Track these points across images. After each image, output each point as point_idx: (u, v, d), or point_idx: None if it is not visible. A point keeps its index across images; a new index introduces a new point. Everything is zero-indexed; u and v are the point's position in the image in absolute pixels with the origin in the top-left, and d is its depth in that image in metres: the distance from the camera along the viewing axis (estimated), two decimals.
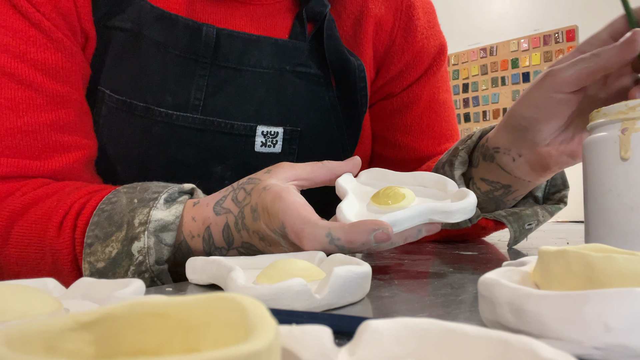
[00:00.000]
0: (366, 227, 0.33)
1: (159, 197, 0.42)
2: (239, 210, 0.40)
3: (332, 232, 0.34)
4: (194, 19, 0.55)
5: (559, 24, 3.17)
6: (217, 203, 0.42)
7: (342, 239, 0.33)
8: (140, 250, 0.40)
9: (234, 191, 0.42)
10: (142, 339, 0.13)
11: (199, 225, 0.42)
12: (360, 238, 0.33)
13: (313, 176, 0.42)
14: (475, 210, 0.37)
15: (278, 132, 0.57)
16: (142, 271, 0.40)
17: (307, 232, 0.34)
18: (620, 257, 0.18)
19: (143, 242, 0.40)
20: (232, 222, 0.41)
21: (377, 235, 0.33)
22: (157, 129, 0.53)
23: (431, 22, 0.68)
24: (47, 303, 0.22)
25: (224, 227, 0.41)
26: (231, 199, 0.41)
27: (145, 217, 0.40)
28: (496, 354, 0.13)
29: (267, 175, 0.41)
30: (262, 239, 0.39)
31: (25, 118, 0.47)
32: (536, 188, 0.54)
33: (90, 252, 0.41)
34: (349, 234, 0.33)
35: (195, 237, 0.42)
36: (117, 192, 0.43)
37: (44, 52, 0.48)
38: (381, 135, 0.70)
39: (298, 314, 0.22)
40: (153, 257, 0.40)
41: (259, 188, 0.39)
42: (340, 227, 0.34)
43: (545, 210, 0.52)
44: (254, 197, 0.39)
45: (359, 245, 0.33)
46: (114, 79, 0.54)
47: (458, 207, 0.35)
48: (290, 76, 0.58)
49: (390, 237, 0.33)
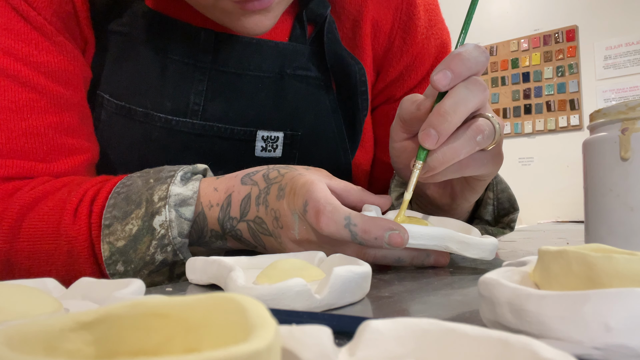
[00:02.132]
0: (385, 224, 0.34)
1: (175, 174, 0.43)
2: (266, 185, 0.41)
3: (351, 217, 0.35)
4: (193, 23, 0.54)
5: (559, 24, 3.18)
6: (247, 175, 0.43)
7: (359, 226, 0.34)
8: (162, 224, 0.41)
9: (267, 169, 0.43)
10: (142, 339, 0.13)
11: (221, 194, 0.43)
12: (376, 232, 0.34)
13: (345, 194, 0.43)
14: (494, 254, 0.37)
15: (278, 136, 0.57)
16: (164, 244, 0.41)
17: (327, 211, 0.35)
18: (620, 257, 0.18)
19: (165, 215, 0.41)
20: (255, 195, 0.42)
21: (392, 235, 0.33)
22: (156, 134, 0.53)
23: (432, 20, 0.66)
24: (47, 303, 0.22)
25: (245, 197, 0.42)
26: (262, 175, 0.43)
27: (164, 192, 0.41)
28: (496, 354, 0.13)
29: (304, 169, 0.43)
30: (276, 218, 0.40)
31: (30, 120, 0.47)
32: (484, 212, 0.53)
33: (109, 233, 0.41)
34: (367, 223, 0.34)
35: (214, 206, 0.43)
36: (131, 177, 0.44)
37: (47, 55, 0.48)
38: (383, 141, 0.68)
39: (298, 314, 0.22)
40: (175, 230, 0.41)
41: (294, 173, 0.41)
42: (360, 215, 0.35)
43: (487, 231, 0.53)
44: (287, 178, 0.40)
45: (372, 239, 0.34)
46: (113, 83, 0.53)
47: (477, 241, 0.36)
48: (290, 80, 0.57)
49: (404, 242, 0.33)
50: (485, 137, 0.39)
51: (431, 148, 0.38)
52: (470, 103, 0.38)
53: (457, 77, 0.38)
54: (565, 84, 3.15)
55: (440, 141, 0.37)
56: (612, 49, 3.01)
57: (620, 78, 3.00)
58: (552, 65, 3.20)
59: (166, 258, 0.41)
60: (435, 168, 0.39)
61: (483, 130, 0.39)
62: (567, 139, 3.13)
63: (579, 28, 3.12)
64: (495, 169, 0.43)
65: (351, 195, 0.44)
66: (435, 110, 0.38)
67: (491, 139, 0.40)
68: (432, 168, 0.39)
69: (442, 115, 0.37)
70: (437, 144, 0.37)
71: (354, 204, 0.44)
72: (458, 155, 0.39)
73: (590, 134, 0.37)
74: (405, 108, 0.43)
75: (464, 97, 0.38)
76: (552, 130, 3.18)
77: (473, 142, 0.39)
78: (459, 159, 0.39)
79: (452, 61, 0.38)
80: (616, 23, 2.99)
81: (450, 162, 0.39)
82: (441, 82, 0.38)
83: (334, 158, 0.60)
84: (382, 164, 0.69)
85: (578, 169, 0.41)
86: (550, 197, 3.13)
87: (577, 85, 3.11)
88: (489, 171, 0.43)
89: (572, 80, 3.13)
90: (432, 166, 0.39)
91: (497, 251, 0.52)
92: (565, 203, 3.04)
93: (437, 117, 0.37)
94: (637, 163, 0.33)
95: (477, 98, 0.38)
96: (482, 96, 0.39)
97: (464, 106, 0.38)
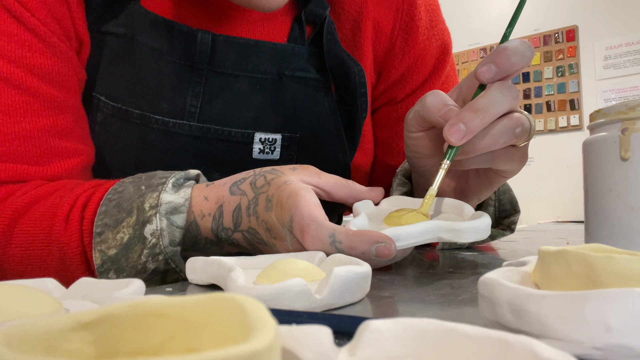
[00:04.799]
0: (370, 237, 0.33)
1: (166, 181, 0.42)
2: (254, 195, 0.41)
3: (335, 233, 0.34)
4: (189, 24, 0.54)
5: (559, 24, 3.18)
6: (234, 184, 0.43)
7: (344, 243, 0.33)
8: (153, 232, 0.40)
9: (254, 176, 0.43)
10: (142, 339, 0.13)
11: (212, 204, 0.43)
12: (362, 246, 0.33)
13: (334, 190, 0.43)
14: (489, 232, 0.35)
15: (276, 138, 0.56)
16: (156, 253, 0.41)
17: (311, 229, 0.35)
18: (620, 257, 0.18)
19: (155, 224, 0.40)
20: (245, 205, 0.41)
21: (379, 247, 0.32)
22: (153, 137, 0.53)
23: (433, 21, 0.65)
24: (47, 303, 0.22)
25: (235, 208, 0.42)
26: (249, 183, 0.42)
27: (155, 200, 0.41)
28: (496, 354, 0.13)
29: (290, 172, 0.42)
30: (268, 230, 0.40)
31: (23, 123, 0.47)
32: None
33: (101, 241, 0.41)
34: (352, 239, 0.33)
35: (206, 216, 0.43)
36: (123, 183, 0.44)
37: (40, 57, 0.48)
38: (385, 143, 0.68)
39: (298, 314, 0.22)
40: (167, 239, 0.41)
41: (280, 181, 0.40)
42: (345, 231, 0.34)
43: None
44: (273, 188, 0.40)
45: (359, 254, 0.33)
46: (109, 85, 0.53)
47: (468, 226, 0.34)
48: (288, 81, 0.57)
49: (391, 253, 0.32)
50: (523, 131, 0.39)
51: (457, 144, 0.37)
52: (502, 106, 0.38)
53: (501, 71, 0.38)
54: (565, 84, 3.15)
55: (467, 138, 0.37)
56: (612, 49, 3.01)
57: (620, 78, 3.00)
58: (552, 65, 3.20)
59: (158, 267, 0.41)
60: (469, 152, 0.38)
61: (523, 123, 0.39)
62: (567, 139, 3.13)
63: (579, 28, 3.12)
64: (520, 167, 0.44)
65: (340, 191, 0.43)
66: (468, 106, 0.38)
67: (526, 135, 0.40)
68: (466, 152, 0.38)
69: (474, 112, 0.37)
70: (463, 140, 0.37)
71: (344, 200, 0.44)
72: (495, 143, 0.38)
73: (590, 134, 0.37)
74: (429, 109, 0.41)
75: (498, 99, 0.38)
76: (552, 130, 3.18)
77: (512, 134, 0.39)
78: (495, 148, 0.39)
79: (498, 55, 0.38)
80: (616, 23, 2.99)
81: (486, 150, 0.39)
82: (485, 75, 0.38)
83: (333, 160, 0.60)
84: (383, 165, 0.69)
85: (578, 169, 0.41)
86: (550, 197, 3.13)
87: (577, 85, 3.11)
88: (515, 168, 0.43)
89: (572, 80, 3.13)
90: (467, 150, 0.38)
91: (497, 251, 0.53)
92: (565, 203, 3.04)
93: (469, 112, 0.37)
94: (637, 163, 0.33)
95: (508, 103, 0.38)
96: (514, 102, 0.39)
97: (496, 108, 0.38)
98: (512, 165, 0.42)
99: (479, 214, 0.36)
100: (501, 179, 0.45)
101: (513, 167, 0.43)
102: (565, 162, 3.09)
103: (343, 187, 0.43)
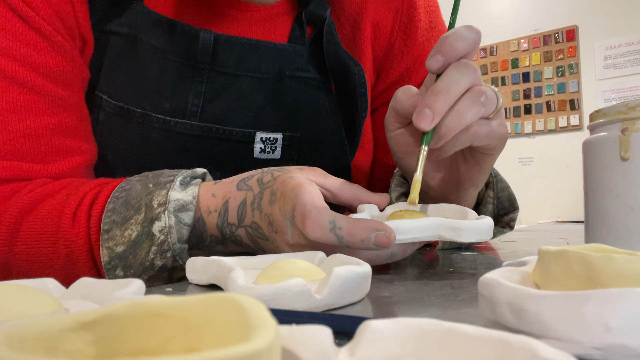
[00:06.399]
0: (370, 225, 0.33)
1: (174, 179, 0.43)
2: (260, 190, 0.41)
3: (336, 219, 0.34)
4: (192, 24, 0.54)
5: (559, 24, 3.18)
6: (242, 180, 0.43)
7: (344, 229, 0.34)
8: (161, 229, 0.41)
9: (262, 173, 0.43)
10: (142, 339, 0.13)
11: (218, 201, 0.43)
12: (362, 234, 0.33)
13: (340, 192, 0.44)
14: (491, 234, 0.35)
15: (277, 138, 0.57)
16: (164, 250, 0.41)
17: (312, 215, 0.35)
18: (620, 257, 0.18)
19: (164, 221, 0.41)
20: (250, 200, 0.42)
21: (378, 236, 0.32)
22: (154, 136, 0.53)
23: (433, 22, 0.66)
24: (47, 303, 0.22)
25: (241, 203, 0.42)
26: (256, 179, 0.43)
27: (163, 198, 0.41)
28: (496, 354, 0.13)
29: (297, 170, 0.43)
30: (270, 223, 0.40)
31: (28, 122, 0.47)
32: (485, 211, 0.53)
33: (109, 238, 0.41)
34: (352, 226, 0.33)
35: (212, 212, 0.43)
36: (129, 181, 0.44)
37: (45, 56, 0.48)
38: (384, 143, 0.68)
39: (298, 314, 0.22)
40: (175, 236, 0.41)
41: (286, 176, 0.40)
42: (345, 218, 0.34)
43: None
44: (278, 182, 0.40)
45: (358, 241, 0.33)
46: (111, 84, 0.53)
47: (469, 225, 0.34)
48: (289, 81, 0.57)
49: (390, 241, 0.32)
50: (488, 99, 0.40)
51: (427, 128, 0.38)
52: (462, 83, 0.39)
53: (448, 59, 0.40)
54: (565, 84, 3.15)
55: (435, 121, 0.38)
56: (612, 49, 3.01)
57: (620, 78, 3.00)
58: (552, 65, 3.20)
59: (165, 263, 0.41)
60: (445, 135, 0.39)
61: (485, 91, 0.40)
62: (567, 139, 3.13)
63: (579, 28, 3.12)
64: (502, 141, 0.44)
65: (346, 193, 0.44)
66: (430, 91, 0.39)
67: (494, 104, 0.41)
68: (442, 136, 0.39)
69: (436, 94, 0.38)
70: (432, 124, 0.38)
71: (349, 202, 0.44)
72: (465, 118, 0.39)
73: (590, 134, 0.37)
74: (400, 101, 0.43)
75: (456, 78, 0.39)
76: (552, 130, 3.18)
77: (478, 104, 0.39)
78: (466, 122, 0.39)
79: (442, 45, 0.40)
80: (616, 23, 2.99)
81: (459, 127, 0.39)
82: (434, 66, 0.40)
83: (333, 159, 0.60)
84: (383, 165, 0.69)
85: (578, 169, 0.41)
86: (550, 197, 3.13)
87: (577, 85, 3.11)
88: (497, 142, 0.43)
89: (572, 80, 3.13)
90: (442, 134, 0.39)
91: (497, 251, 0.53)
92: (565, 203, 3.04)
93: (430, 96, 0.38)
94: (637, 163, 0.33)
95: (467, 79, 0.39)
96: (473, 77, 0.40)
97: (456, 86, 0.39)
98: (493, 139, 0.42)
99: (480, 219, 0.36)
100: (488, 157, 0.45)
101: (494, 142, 0.43)
102: (565, 162, 3.09)
103: (349, 189, 0.44)
